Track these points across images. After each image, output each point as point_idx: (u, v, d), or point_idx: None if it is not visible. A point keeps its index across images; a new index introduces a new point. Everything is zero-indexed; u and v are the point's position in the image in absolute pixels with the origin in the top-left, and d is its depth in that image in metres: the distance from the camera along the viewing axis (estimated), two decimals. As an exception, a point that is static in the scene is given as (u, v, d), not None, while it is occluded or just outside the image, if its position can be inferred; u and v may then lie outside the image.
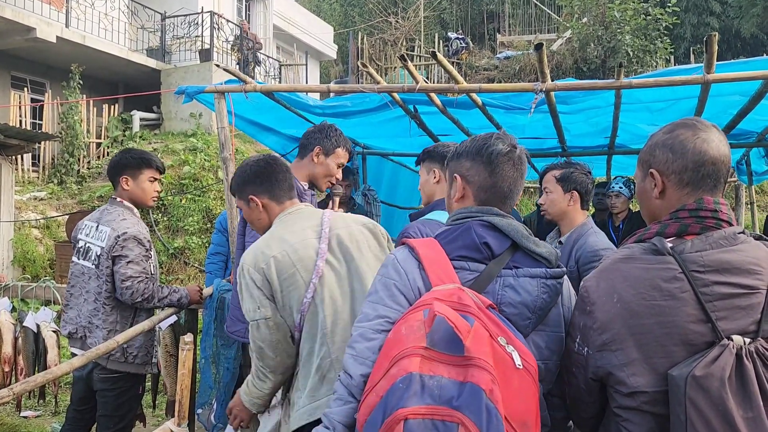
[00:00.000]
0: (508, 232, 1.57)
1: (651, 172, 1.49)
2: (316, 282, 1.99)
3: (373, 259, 2.10)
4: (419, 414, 1.24)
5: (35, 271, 8.35)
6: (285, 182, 2.23)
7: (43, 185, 10.70)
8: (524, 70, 15.61)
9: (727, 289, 1.31)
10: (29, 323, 3.57)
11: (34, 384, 2.22)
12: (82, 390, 3.11)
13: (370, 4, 21.29)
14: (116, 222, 3.02)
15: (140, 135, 12.43)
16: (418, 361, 1.30)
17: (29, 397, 4.45)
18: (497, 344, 1.34)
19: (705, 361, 1.26)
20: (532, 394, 1.34)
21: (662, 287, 1.34)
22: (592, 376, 1.44)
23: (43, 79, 12.43)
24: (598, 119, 4.06)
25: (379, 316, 1.55)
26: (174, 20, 13.85)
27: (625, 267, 1.41)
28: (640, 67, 14.37)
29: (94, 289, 3.00)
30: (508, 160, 1.64)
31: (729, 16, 17.54)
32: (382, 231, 2.25)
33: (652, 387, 1.33)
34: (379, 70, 16.32)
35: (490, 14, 20.76)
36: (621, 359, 1.36)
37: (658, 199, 1.49)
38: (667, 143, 1.47)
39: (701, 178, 1.43)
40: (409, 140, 4.80)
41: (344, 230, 2.12)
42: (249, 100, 3.49)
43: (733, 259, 1.34)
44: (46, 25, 10.74)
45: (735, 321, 1.30)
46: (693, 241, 1.37)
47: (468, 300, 1.40)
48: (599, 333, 1.40)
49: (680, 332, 1.31)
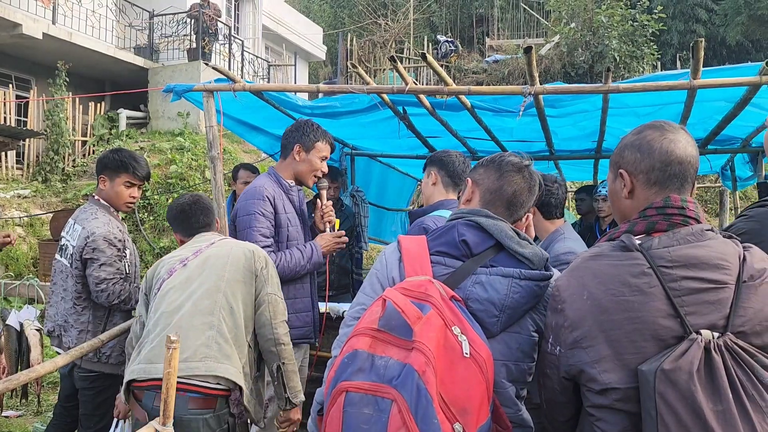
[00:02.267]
0: (493, 232, 1.63)
1: (620, 173, 1.52)
2: (165, 278, 2.48)
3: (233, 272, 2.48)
4: (362, 389, 1.36)
5: (18, 270, 8.25)
6: (197, 222, 2.72)
7: (27, 183, 10.58)
8: (513, 74, 15.72)
9: (695, 284, 1.33)
10: (12, 321, 3.53)
11: (17, 382, 2.20)
12: (68, 387, 3.13)
13: (360, 6, 21.30)
14: (87, 221, 2.97)
15: (127, 133, 12.33)
16: (367, 340, 1.42)
17: (11, 397, 4.40)
18: (450, 333, 1.41)
19: (673, 355, 1.27)
20: (477, 382, 1.40)
21: (630, 282, 1.35)
22: (565, 375, 1.44)
23: (28, 76, 12.30)
24: (585, 123, 4.09)
25: (358, 303, 1.70)
26: (162, 18, 13.76)
27: (595, 264, 1.43)
28: (627, 73, 14.52)
29: (71, 287, 2.97)
30: (518, 170, 1.75)
31: (715, 23, 17.76)
32: (258, 257, 2.57)
33: (623, 383, 1.33)
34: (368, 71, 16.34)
35: (480, 18, 20.86)
36: (592, 356, 1.36)
37: (628, 198, 1.52)
38: (635, 144, 1.50)
39: (668, 178, 1.46)
40: (398, 141, 4.81)
41: (216, 250, 2.56)
42: (238, 100, 3.48)
43: (701, 254, 1.35)
44: (32, 21, 10.63)
45: (704, 316, 1.31)
46: (660, 238, 1.39)
47: (433, 291, 1.47)
48: (570, 330, 1.40)
49: (650, 327, 1.32)
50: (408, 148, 5.17)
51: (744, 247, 1.40)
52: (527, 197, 1.76)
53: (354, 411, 1.35)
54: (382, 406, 1.33)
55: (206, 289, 2.40)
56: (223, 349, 2.30)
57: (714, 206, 11.83)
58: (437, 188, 2.75)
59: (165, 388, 1.91)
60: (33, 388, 3.84)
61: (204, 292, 2.39)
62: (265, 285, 2.52)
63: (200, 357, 2.26)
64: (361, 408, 1.35)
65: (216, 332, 2.32)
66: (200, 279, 2.43)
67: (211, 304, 2.37)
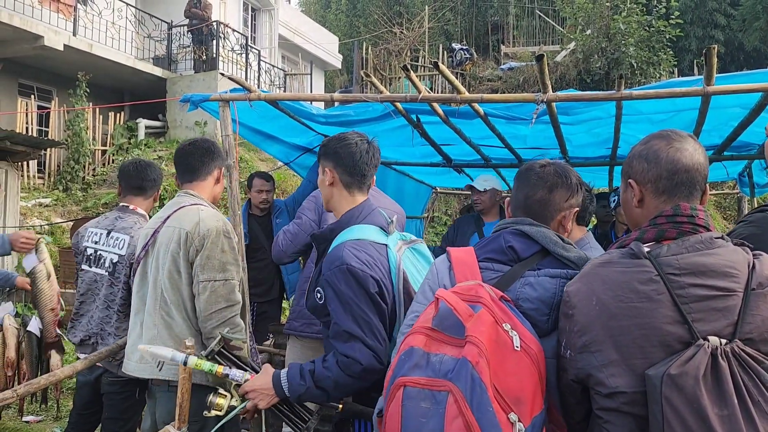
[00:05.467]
0: (538, 239, 1.73)
1: (629, 182, 1.56)
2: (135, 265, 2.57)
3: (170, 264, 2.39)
4: (419, 383, 1.43)
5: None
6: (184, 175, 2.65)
7: (48, 192, 10.77)
8: (528, 81, 15.68)
9: (702, 291, 1.34)
10: (33, 328, 3.59)
11: (38, 386, 2.25)
12: (88, 395, 3.14)
13: (375, 15, 21.42)
14: (134, 230, 3.02)
15: (145, 143, 12.50)
16: (422, 338, 1.50)
17: (31, 402, 4.47)
18: (501, 328, 1.47)
19: (680, 360, 1.29)
20: (529, 373, 1.45)
21: (638, 289, 1.37)
22: (574, 378, 1.47)
23: (50, 87, 12.53)
24: (599, 130, 4.08)
25: (412, 311, 1.80)
26: (180, 29, 13.97)
27: (604, 271, 1.45)
28: (644, 79, 14.42)
29: (107, 296, 3.02)
30: (526, 176, 1.84)
31: (733, 29, 17.60)
32: (193, 238, 2.38)
33: (630, 387, 1.35)
34: (384, 80, 16.41)
35: (495, 25, 20.87)
36: (600, 360, 1.39)
37: (638, 207, 1.55)
38: (642, 154, 1.53)
39: (675, 186, 1.48)
40: (412, 149, 4.83)
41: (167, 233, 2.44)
42: (253, 109, 3.52)
43: (710, 262, 1.37)
44: (54, 33, 10.85)
45: (711, 323, 1.33)
46: (669, 245, 1.42)
47: (483, 293, 1.54)
48: (579, 335, 1.43)
49: (657, 333, 1.34)
50: (422, 156, 5.19)
51: (754, 255, 1.41)
52: (548, 196, 1.79)
53: (412, 405, 1.42)
54: (438, 398, 1.39)
55: (151, 288, 2.43)
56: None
57: (732, 213, 11.71)
58: (336, 190, 2.20)
59: (180, 392, 1.94)
60: (52, 393, 3.90)
61: (150, 292, 2.43)
62: (199, 273, 2.34)
63: (146, 359, 2.36)
64: (419, 402, 1.41)
65: (157, 332, 2.36)
66: (149, 277, 2.47)
67: (153, 303, 2.40)
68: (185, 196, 2.56)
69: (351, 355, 1.90)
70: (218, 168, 2.66)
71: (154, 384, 2.44)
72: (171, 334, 2.34)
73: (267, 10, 17.82)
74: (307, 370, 1.94)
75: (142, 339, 2.39)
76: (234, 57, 14.53)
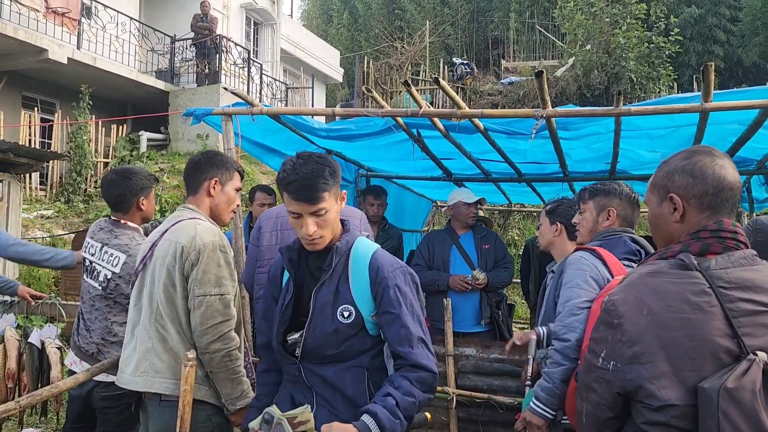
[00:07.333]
0: (644, 245, 2.53)
1: (671, 197, 1.53)
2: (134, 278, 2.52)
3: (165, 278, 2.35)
4: None
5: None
6: (188, 187, 2.66)
7: (50, 204, 10.79)
8: (528, 96, 15.74)
9: (751, 306, 1.36)
10: (34, 340, 3.60)
11: (40, 398, 2.25)
12: (79, 408, 3.06)
13: (377, 30, 21.57)
14: (132, 247, 2.95)
15: (147, 155, 12.55)
16: None
17: (31, 414, 4.46)
18: None
19: (735, 373, 1.29)
20: None
21: (691, 301, 1.37)
22: (620, 391, 1.43)
23: (53, 99, 12.61)
24: (598, 145, 4.11)
25: (578, 296, 2.27)
26: (183, 43, 14.07)
27: (653, 281, 1.44)
28: (643, 94, 14.47)
29: (101, 309, 3.01)
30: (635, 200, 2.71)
31: (732, 45, 17.71)
32: (188, 252, 2.32)
33: (682, 400, 1.34)
34: (385, 94, 16.48)
35: (495, 40, 21.00)
36: (651, 372, 1.37)
37: (678, 222, 1.53)
38: (686, 169, 1.51)
39: (720, 202, 1.49)
40: (413, 163, 4.86)
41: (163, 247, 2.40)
42: (255, 123, 3.55)
43: (755, 277, 1.40)
44: (58, 46, 10.94)
45: (757, 338, 1.35)
46: (717, 259, 1.42)
47: None
48: (629, 346, 1.41)
49: (708, 346, 1.34)
50: (422, 170, 5.22)
51: None
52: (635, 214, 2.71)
53: None
54: None
55: (147, 301, 2.41)
56: (155, 365, 2.33)
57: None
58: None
59: (182, 405, 1.95)
60: (52, 405, 3.89)
61: (146, 305, 2.41)
62: (195, 287, 2.30)
63: (140, 372, 2.35)
64: None
65: (152, 345, 2.35)
66: (145, 290, 2.44)
67: (148, 316, 2.39)
68: (185, 210, 2.57)
69: (425, 365, 1.84)
70: (209, 180, 2.58)
71: (146, 397, 2.43)
72: (165, 348, 2.34)
73: (269, 25, 17.96)
74: (393, 405, 1.77)
75: (136, 351, 2.39)
76: (236, 71, 14.63)
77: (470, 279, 4.28)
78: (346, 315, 1.90)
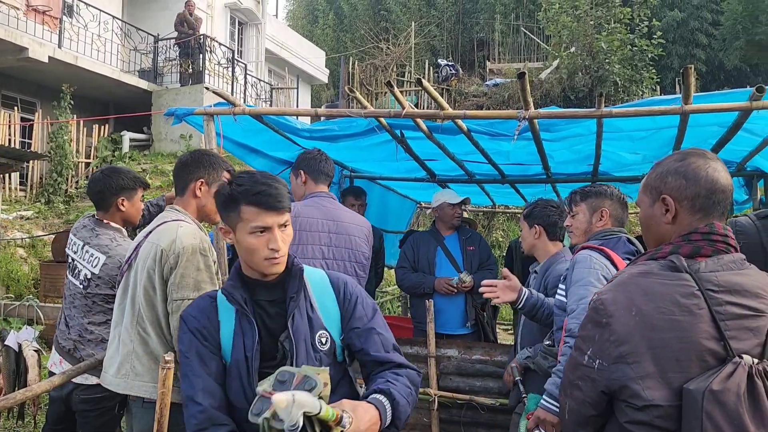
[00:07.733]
0: (638, 245, 2.64)
1: (663, 198, 1.53)
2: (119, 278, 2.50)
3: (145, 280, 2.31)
4: None
5: (19, 291, 8.27)
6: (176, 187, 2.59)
7: (30, 204, 10.65)
8: (513, 98, 15.83)
9: (738, 310, 1.37)
10: (11, 342, 3.54)
11: (14, 401, 2.21)
12: (59, 410, 3.04)
13: (362, 31, 21.58)
14: (112, 248, 2.93)
15: (130, 155, 12.43)
16: None
17: (8, 418, 4.39)
18: None
19: (720, 376, 1.30)
20: None
21: (681, 303, 1.38)
22: (604, 389, 1.44)
23: (33, 99, 12.44)
24: (581, 147, 4.13)
25: (590, 293, 2.21)
26: (167, 42, 13.96)
27: (644, 281, 1.45)
28: (627, 96, 14.62)
29: (81, 307, 2.98)
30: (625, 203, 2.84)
31: (714, 48, 17.94)
32: (168, 255, 2.26)
33: (666, 401, 1.35)
34: (370, 94, 16.48)
35: (480, 42, 21.10)
36: (637, 372, 1.38)
37: (670, 223, 1.53)
38: (679, 170, 1.52)
39: (712, 205, 1.49)
40: (397, 164, 4.85)
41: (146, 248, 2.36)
42: (238, 123, 3.53)
43: (743, 282, 1.41)
44: (38, 45, 10.80)
45: (743, 341, 1.36)
46: (707, 262, 1.43)
47: None
48: (616, 345, 1.41)
49: (695, 348, 1.35)
50: (406, 171, 5.21)
51: None
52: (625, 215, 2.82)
53: None
54: None
55: (130, 303, 2.38)
56: (135, 368, 2.31)
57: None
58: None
59: (158, 407, 1.92)
60: (30, 408, 3.83)
61: (129, 307, 2.38)
62: (173, 291, 2.25)
63: (121, 374, 2.34)
64: None
65: (133, 348, 2.33)
66: (129, 292, 2.39)
67: (130, 318, 2.37)
68: (170, 212, 2.53)
69: (409, 365, 1.83)
70: (194, 181, 2.52)
71: (130, 399, 2.41)
72: (146, 350, 2.32)
73: (254, 25, 17.87)
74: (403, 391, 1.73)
75: (119, 353, 2.37)
76: (220, 71, 14.54)
77: (457, 282, 4.28)
78: (324, 341, 1.81)
